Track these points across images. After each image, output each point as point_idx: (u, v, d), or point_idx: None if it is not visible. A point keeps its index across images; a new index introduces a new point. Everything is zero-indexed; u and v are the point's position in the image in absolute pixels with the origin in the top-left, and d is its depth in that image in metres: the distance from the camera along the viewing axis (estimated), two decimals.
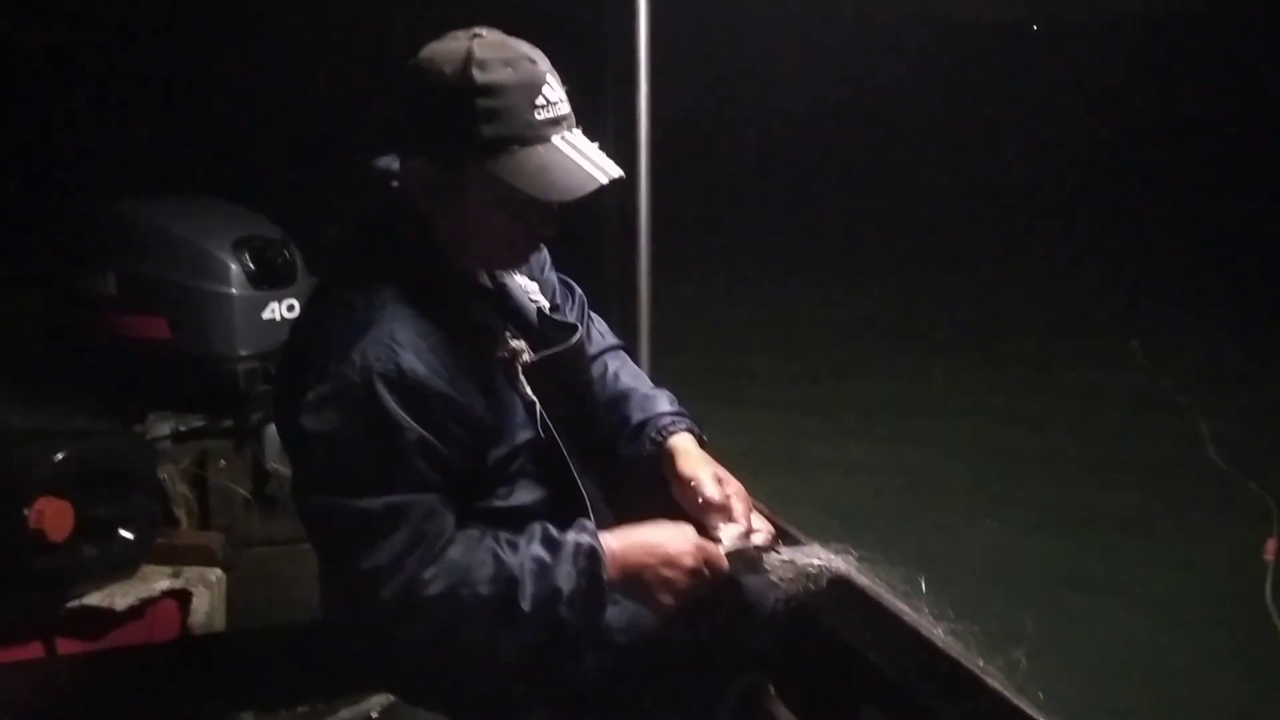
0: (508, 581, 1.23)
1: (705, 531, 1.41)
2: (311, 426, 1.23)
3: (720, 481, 1.43)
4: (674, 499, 1.45)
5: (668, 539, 1.34)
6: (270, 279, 2.60)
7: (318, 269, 2.52)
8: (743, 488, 1.46)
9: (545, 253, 1.59)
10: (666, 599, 1.33)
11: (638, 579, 1.32)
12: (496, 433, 1.34)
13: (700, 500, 1.41)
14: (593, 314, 1.69)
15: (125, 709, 1.76)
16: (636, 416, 1.53)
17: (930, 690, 1.44)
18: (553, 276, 1.61)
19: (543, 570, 1.24)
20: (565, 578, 1.25)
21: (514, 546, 1.26)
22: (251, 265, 2.59)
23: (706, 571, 1.34)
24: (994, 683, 1.31)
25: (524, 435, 1.36)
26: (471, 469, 1.31)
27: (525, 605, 1.22)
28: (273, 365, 2.41)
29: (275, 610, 2.32)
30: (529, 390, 1.37)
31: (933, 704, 1.44)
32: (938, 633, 1.40)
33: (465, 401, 1.27)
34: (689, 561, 1.32)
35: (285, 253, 2.65)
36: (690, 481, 1.43)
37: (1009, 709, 1.27)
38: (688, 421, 1.53)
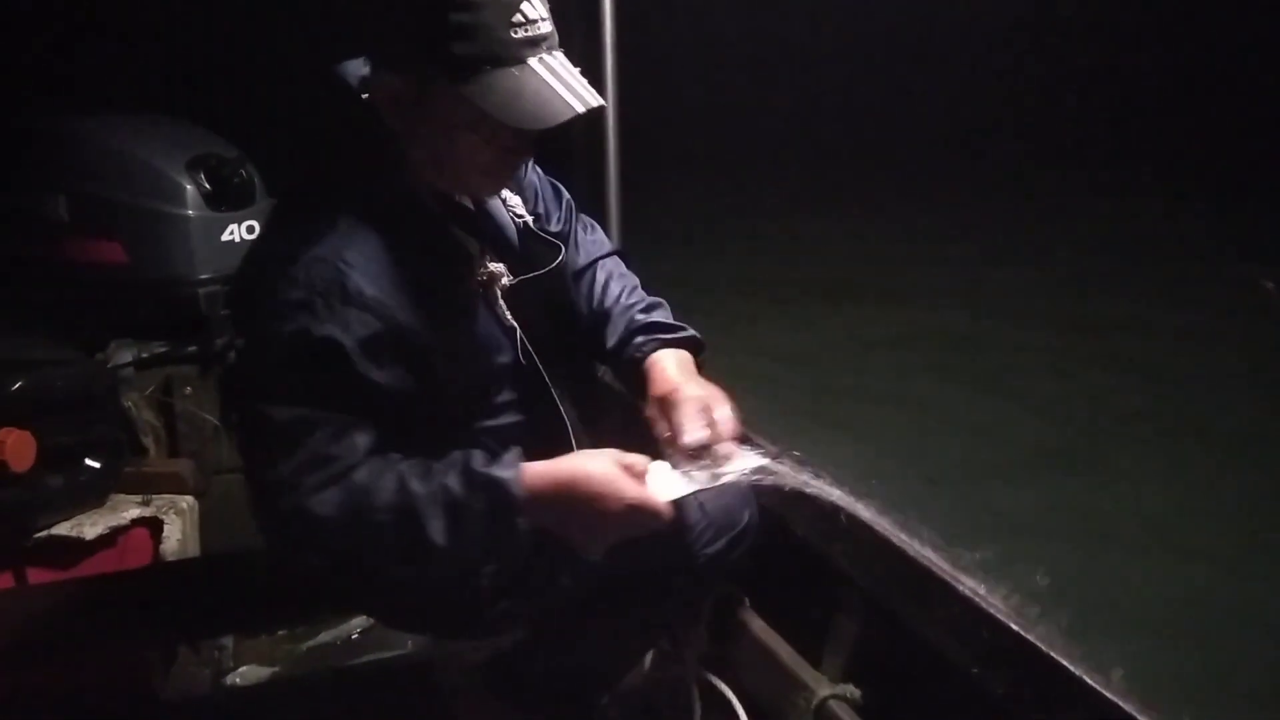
0: (409, 512, 1.15)
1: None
2: (249, 334, 1.21)
3: (682, 401, 1.33)
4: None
5: (596, 483, 1.20)
6: (228, 199, 2.53)
7: (277, 189, 2.46)
8: (710, 401, 1.33)
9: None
10: (593, 547, 1.24)
11: (559, 522, 1.22)
12: (472, 359, 1.30)
13: (656, 425, 1.35)
14: (584, 219, 1.61)
15: (102, 635, 1.75)
16: (614, 338, 1.48)
17: (903, 600, 1.46)
18: (535, 179, 1.54)
19: (451, 503, 1.15)
20: (476, 517, 1.16)
21: (426, 475, 1.17)
22: (207, 185, 2.51)
23: (639, 513, 1.21)
24: (966, 591, 1.32)
25: (503, 360, 1.32)
26: (441, 396, 1.26)
27: (437, 538, 1.15)
28: None
29: (249, 536, 2.31)
30: (509, 315, 1.33)
31: (906, 613, 1.46)
32: (911, 543, 1.41)
33: (425, 328, 1.22)
34: (615, 506, 1.20)
35: (242, 172, 2.57)
36: (652, 403, 1.37)
37: (981, 616, 1.29)
38: (672, 336, 1.46)
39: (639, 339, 1.46)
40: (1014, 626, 1.25)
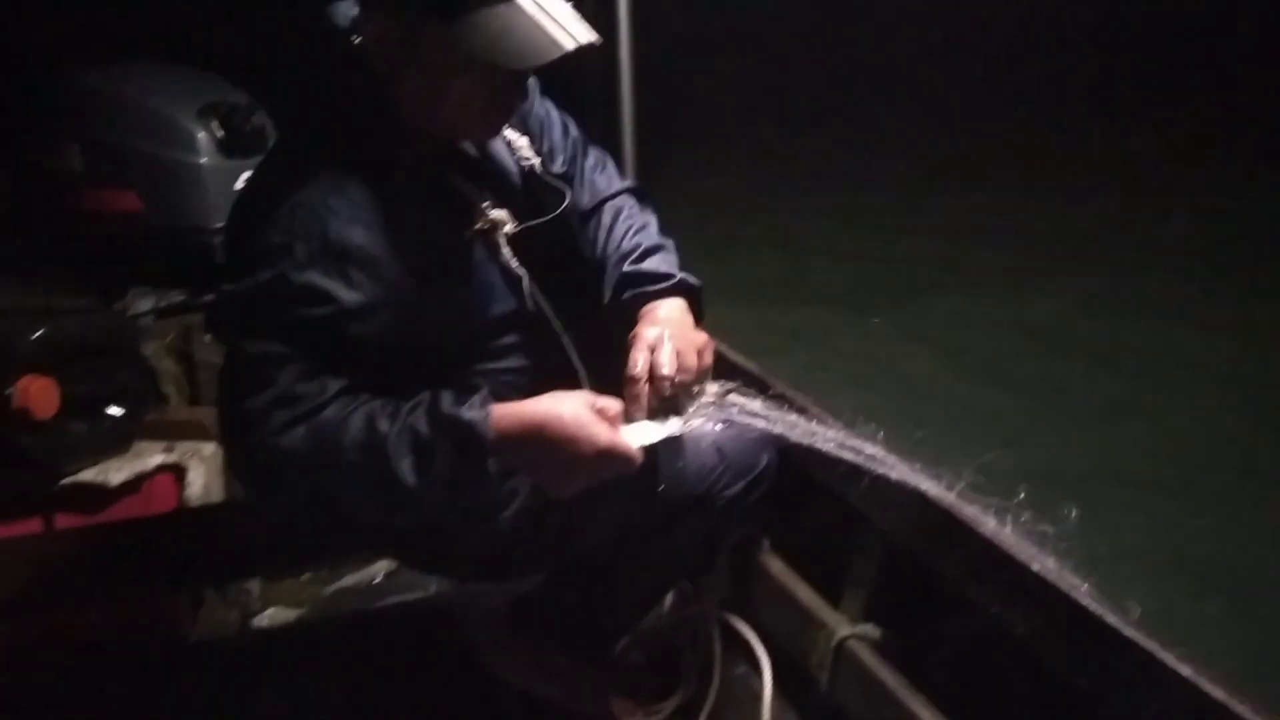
0: (377, 451, 1.13)
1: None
2: (231, 275, 1.19)
3: (654, 349, 1.27)
4: None
5: (567, 426, 1.17)
6: (240, 147, 2.53)
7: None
8: (659, 340, 1.28)
9: (534, 86, 1.46)
10: (563, 489, 1.22)
11: (529, 464, 1.22)
12: (467, 307, 1.28)
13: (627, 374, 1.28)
14: (596, 153, 1.55)
15: (131, 579, 1.78)
16: (608, 289, 1.43)
17: (922, 539, 1.46)
18: (542, 114, 1.50)
19: (418, 443, 1.13)
20: (444, 457, 1.14)
21: (395, 415, 1.15)
22: (219, 133, 2.51)
23: (610, 457, 1.19)
24: (985, 531, 1.32)
25: (503, 308, 1.30)
26: (430, 343, 1.24)
27: (406, 478, 1.13)
28: None
29: None
30: (514, 263, 1.31)
31: (925, 553, 1.46)
32: (929, 483, 1.40)
33: (411, 276, 1.20)
34: (586, 449, 1.17)
35: (254, 119, 2.56)
36: (630, 349, 1.30)
37: (1000, 556, 1.29)
38: (658, 286, 1.40)
39: (627, 292, 1.41)
40: (1033, 566, 1.25)
